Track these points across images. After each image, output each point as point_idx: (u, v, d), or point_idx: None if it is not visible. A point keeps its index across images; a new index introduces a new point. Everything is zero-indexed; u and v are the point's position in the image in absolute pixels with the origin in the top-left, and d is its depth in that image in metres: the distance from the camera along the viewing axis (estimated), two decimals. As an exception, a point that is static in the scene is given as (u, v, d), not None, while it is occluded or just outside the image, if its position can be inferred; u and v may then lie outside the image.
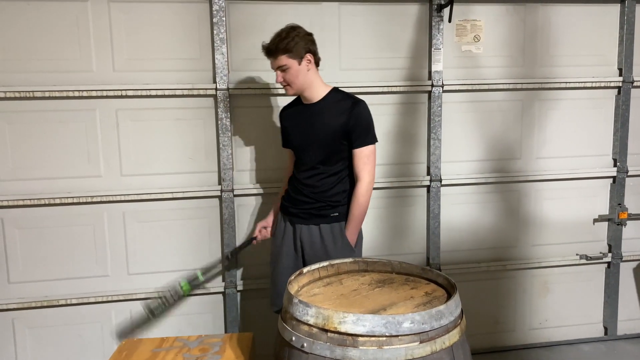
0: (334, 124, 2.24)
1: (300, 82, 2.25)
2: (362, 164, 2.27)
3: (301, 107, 2.36)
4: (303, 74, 2.24)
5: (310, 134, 2.30)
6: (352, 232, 2.32)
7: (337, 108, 2.26)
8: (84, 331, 2.76)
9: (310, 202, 2.33)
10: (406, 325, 1.53)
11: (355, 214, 2.29)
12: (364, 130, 2.26)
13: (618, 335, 3.25)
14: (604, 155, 3.12)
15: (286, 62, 2.20)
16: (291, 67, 2.21)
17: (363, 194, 2.27)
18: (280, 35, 2.20)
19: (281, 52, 2.19)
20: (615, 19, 3.03)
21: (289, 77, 2.23)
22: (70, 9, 2.56)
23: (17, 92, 2.53)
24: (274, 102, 2.78)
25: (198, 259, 2.80)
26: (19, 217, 2.63)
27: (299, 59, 2.21)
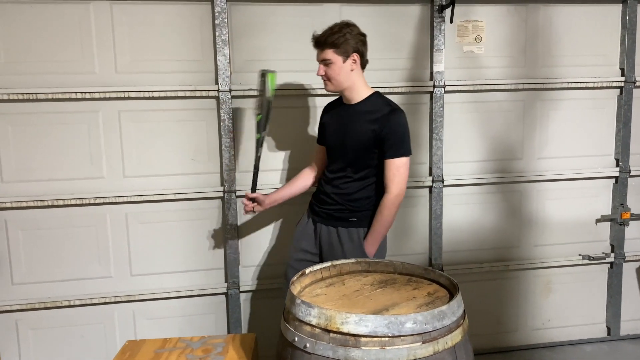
0: (367, 129, 2.21)
1: (341, 79, 2.22)
2: (391, 175, 2.21)
3: (341, 106, 2.35)
4: (345, 72, 2.21)
5: (343, 135, 2.28)
6: (371, 243, 2.26)
7: (374, 113, 2.22)
8: (86, 332, 2.77)
9: (331, 204, 2.32)
10: (408, 326, 1.53)
11: (377, 226, 2.24)
12: (398, 141, 2.20)
13: (621, 336, 3.25)
14: (606, 156, 3.12)
15: (331, 57, 2.18)
16: (335, 63, 2.19)
17: (388, 206, 2.21)
18: (332, 29, 2.19)
19: (328, 46, 2.17)
20: (617, 19, 3.03)
21: (331, 73, 2.21)
22: (73, 11, 2.57)
23: (20, 94, 2.54)
24: (276, 104, 2.77)
25: (200, 260, 2.81)
26: (22, 219, 2.64)
27: (344, 57, 2.19)
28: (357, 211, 2.29)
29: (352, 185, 2.29)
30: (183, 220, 2.77)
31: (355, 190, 2.29)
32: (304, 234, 2.42)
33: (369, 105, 2.26)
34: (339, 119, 2.32)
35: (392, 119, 2.20)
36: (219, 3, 2.62)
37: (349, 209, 2.30)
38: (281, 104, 2.76)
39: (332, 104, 2.45)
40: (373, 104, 2.25)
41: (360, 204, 2.29)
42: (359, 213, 2.30)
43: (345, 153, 2.28)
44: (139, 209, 2.73)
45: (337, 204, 2.31)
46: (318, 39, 2.20)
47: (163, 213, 2.75)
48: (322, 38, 2.19)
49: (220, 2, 2.62)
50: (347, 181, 2.29)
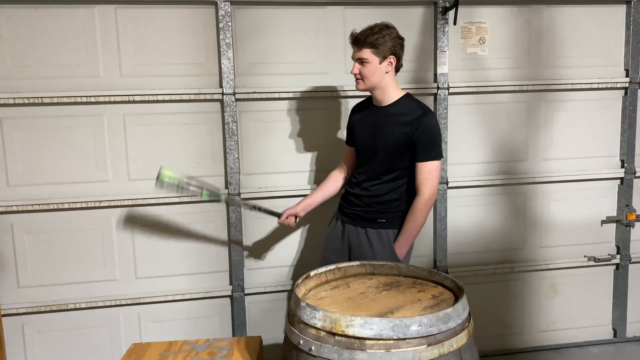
0: (399, 132, 2.21)
1: (374, 80, 2.22)
2: (423, 178, 2.21)
3: (371, 108, 2.34)
4: (380, 73, 2.21)
5: (374, 137, 2.28)
6: (401, 245, 2.27)
7: (405, 116, 2.22)
8: (92, 335, 2.77)
9: (360, 205, 2.33)
10: (414, 329, 1.53)
11: (408, 228, 2.24)
12: (429, 144, 2.19)
13: (627, 338, 3.23)
14: (611, 157, 3.11)
15: (368, 56, 2.18)
16: (371, 63, 2.19)
17: (420, 209, 2.21)
18: (372, 29, 2.19)
19: (367, 46, 2.18)
20: (621, 19, 3.02)
21: (365, 72, 2.21)
22: (78, 15, 2.58)
23: (26, 98, 2.56)
24: (280, 106, 2.78)
25: (205, 262, 2.82)
26: (28, 222, 2.65)
27: (381, 58, 2.19)
28: (386, 212, 2.30)
29: (381, 187, 2.29)
30: (188, 222, 2.78)
31: (385, 192, 2.29)
32: (333, 235, 2.45)
33: (400, 107, 2.25)
34: (370, 121, 2.32)
35: (424, 121, 2.20)
36: (222, 6, 2.62)
37: (378, 210, 2.30)
38: (285, 107, 2.77)
39: (361, 104, 2.45)
40: (404, 106, 2.25)
41: (389, 206, 2.30)
42: (387, 214, 2.30)
43: (375, 155, 2.28)
44: (144, 212, 2.73)
45: (365, 205, 2.32)
46: (357, 37, 2.20)
47: (168, 216, 2.75)
48: (361, 37, 2.18)
49: (224, 6, 2.62)
50: (376, 183, 2.30)
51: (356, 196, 2.35)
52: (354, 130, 2.42)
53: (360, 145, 2.37)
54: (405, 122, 2.21)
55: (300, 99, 2.78)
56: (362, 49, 2.19)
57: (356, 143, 2.40)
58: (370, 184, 2.31)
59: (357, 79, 2.25)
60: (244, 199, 2.75)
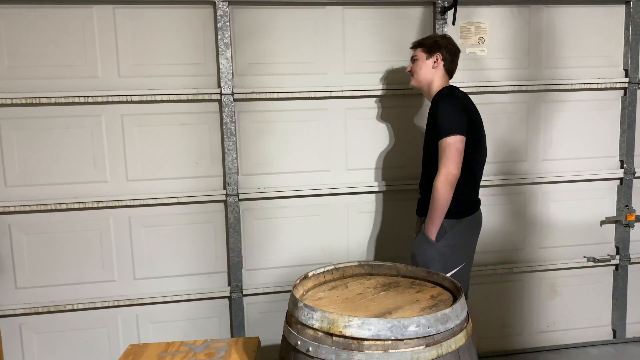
0: (429, 122, 2.35)
1: (422, 75, 2.40)
2: (439, 156, 2.23)
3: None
4: (427, 68, 2.39)
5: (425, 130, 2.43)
6: (429, 225, 2.27)
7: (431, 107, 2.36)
8: (90, 336, 2.76)
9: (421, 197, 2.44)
10: (412, 329, 1.53)
11: (431, 208, 2.24)
12: (442, 122, 2.22)
13: (627, 338, 3.22)
14: (610, 157, 3.10)
15: (417, 54, 2.43)
16: (419, 59, 2.41)
17: (437, 188, 2.20)
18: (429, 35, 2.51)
19: (417, 45, 2.44)
20: (621, 19, 3.01)
21: (415, 68, 2.43)
22: (76, 16, 2.57)
23: (24, 98, 2.55)
24: (279, 106, 2.78)
25: (204, 263, 2.81)
26: (26, 223, 2.65)
27: (428, 54, 2.39)
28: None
29: (428, 176, 2.36)
30: (186, 223, 2.77)
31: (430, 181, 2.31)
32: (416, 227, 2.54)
33: (434, 99, 2.37)
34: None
35: (438, 103, 2.31)
36: (221, 6, 2.62)
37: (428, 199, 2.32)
38: (284, 108, 2.77)
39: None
40: (434, 99, 2.37)
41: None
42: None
43: (425, 147, 2.43)
44: (142, 212, 2.73)
45: (422, 196, 2.43)
46: (415, 41, 2.47)
47: (166, 216, 2.75)
48: (417, 41, 2.46)
49: (222, 6, 2.62)
50: (427, 173, 2.38)
51: (420, 188, 2.48)
52: None
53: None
54: (430, 112, 2.35)
55: (299, 99, 2.78)
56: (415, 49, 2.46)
57: None
58: (424, 174, 2.43)
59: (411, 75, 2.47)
60: (241, 200, 2.74)
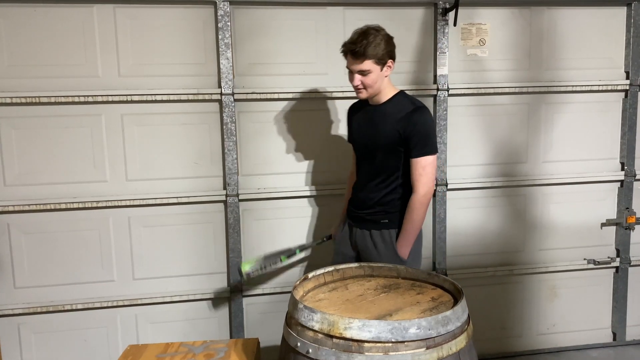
0: (392, 129, 2.20)
1: (376, 87, 2.20)
2: (417, 174, 2.20)
3: (367, 107, 2.33)
4: (381, 79, 2.19)
5: (371, 136, 2.27)
6: (403, 244, 2.25)
7: (398, 113, 2.21)
8: (89, 336, 2.76)
9: (364, 207, 2.33)
10: (412, 331, 1.52)
11: (407, 227, 2.23)
12: (422, 139, 2.18)
13: (627, 341, 3.22)
14: (611, 159, 3.10)
15: (370, 67, 2.14)
16: (373, 72, 2.15)
17: (417, 206, 2.20)
18: (366, 37, 2.11)
19: (369, 57, 2.12)
20: (622, 21, 3.01)
21: (368, 81, 2.17)
22: (76, 15, 2.57)
23: (23, 97, 2.54)
24: (279, 107, 2.77)
25: (203, 263, 2.80)
26: (25, 222, 2.64)
27: (382, 65, 2.16)
28: (389, 212, 2.30)
29: (382, 187, 2.29)
30: (186, 223, 2.76)
31: (386, 192, 2.29)
32: (343, 239, 2.45)
33: (393, 105, 2.25)
34: (366, 121, 2.32)
35: (415, 117, 2.18)
36: (222, 6, 2.61)
37: (381, 211, 2.30)
38: (284, 108, 2.76)
39: (357, 104, 2.43)
40: (397, 104, 2.24)
41: (391, 206, 2.30)
42: (390, 214, 2.30)
43: (374, 155, 2.28)
44: (141, 212, 2.72)
45: (369, 207, 2.32)
46: (356, 50, 2.11)
47: (166, 217, 2.74)
48: (360, 49, 2.10)
49: (223, 6, 2.61)
50: (377, 183, 2.30)
51: (360, 199, 2.36)
52: (352, 130, 2.42)
53: (357, 146, 2.39)
54: (397, 119, 2.20)
55: (300, 100, 2.77)
56: (363, 61, 2.13)
57: (353, 143, 2.41)
58: (371, 184, 2.31)
59: (359, 90, 2.20)
60: (241, 200, 2.74)
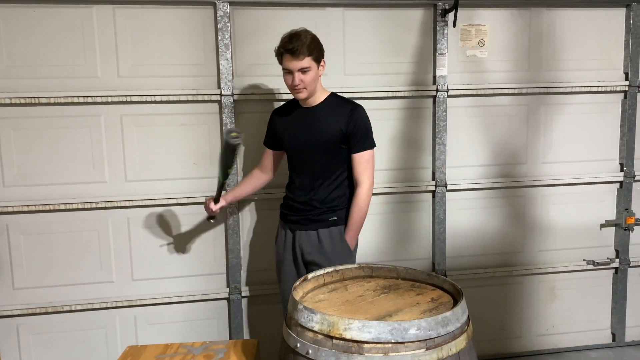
0: (333, 128, 2.25)
1: (314, 86, 2.24)
2: (362, 168, 2.29)
3: (299, 110, 2.34)
4: (317, 78, 2.24)
5: (310, 138, 2.29)
6: (352, 236, 2.34)
7: (336, 112, 2.27)
8: (88, 337, 2.75)
9: (309, 209, 2.33)
10: (412, 332, 1.52)
11: (356, 219, 2.31)
12: (363, 135, 2.28)
13: (626, 342, 3.22)
14: (610, 160, 3.10)
15: (309, 64, 2.18)
16: (312, 70, 2.19)
17: (364, 198, 2.29)
18: (300, 37, 2.15)
19: (307, 54, 2.16)
20: (621, 23, 3.01)
21: (307, 80, 2.19)
22: (76, 16, 2.56)
23: (23, 98, 2.54)
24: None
25: (203, 264, 2.80)
26: (24, 223, 2.63)
27: (317, 63, 2.22)
28: (336, 210, 2.33)
29: (328, 186, 2.32)
30: (185, 224, 2.76)
31: (331, 190, 2.32)
32: (286, 248, 2.41)
33: (330, 105, 2.30)
34: (301, 123, 2.32)
35: (355, 115, 2.26)
36: (221, 7, 2.61)
37: (329, 209, 2.32)
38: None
39: (283, 108, 2.43)
40: (334, 104, 2.30)
41: (337, 202, 2.33)
42: (338, 211, 2.33)
43: (314, 156, 2.30)
44: (140, 213, 2.72)
45: (315, 208, 2.32)
46: (295, 48, 2.14)
47: (165, 217, 2.74)
48: (299, 46, 2.13)
49: (222, 6, 2.61)
50: (321, 183, 2.32)
51: (302, 202, 2.34)
52: (279, 134, 2.39)
53: (294, 149, 2.36)
54: (337, 118, 2.26)
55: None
56: (303, 58, 2.15)
57: (287, 147, 2.38)
58: (316, 185, 2.32)
59: (299, 89, 2.21)
60: (240, 201, 2.73)
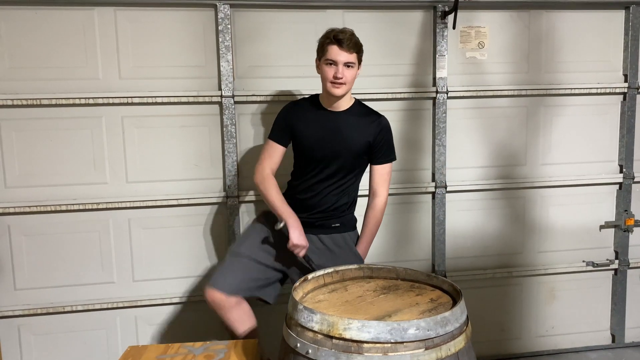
0: (362, 138, 2.23)
1: (351, 85, 2.19)
2: (382, 180, 2.29)
3: (323, 112, 2.25)
4: (355, 78, 2.20)
5: (337, 146, 2.22)
6: (366, 247, 2.33)
7: (363, 122, 2.24)
8: (89, 338, 2.76)
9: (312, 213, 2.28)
10: (411, 332, 1.53)
11: (374, 231, 2.33)
12: (390, 147, 2.30)
13: (626, 343, 3.22)
14: (609, 162, 3.11)
15: (355, 60, 2.14)
16: (354, 68, 2.16)
17: (382, 210, 2.32)
18: (350, 32, 2.13)
19: (356, 50, 2.13)
20: (620, 25, 3.02)
21: (349, 76, 2.14)
22: (77, 17, 2.58)
23: (24, 99, 2.55)
24: (279, 109, 2.77)
25: (203, 265, 2.81)
26: (25, 224, 2.64)
27: (359, 64, 2.20)
28: (340, 216, 2.32)
29: (338, 192, 2.29)
30: (186, 225, 2.77)
31: (341, 197, 2.30)
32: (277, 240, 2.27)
33: (357, 112, 2.26)
34: (324, 126, 2.23)
35: (384, 126, 2.28)
36: (222, 9, 2.62)
37: (333, 216, 2.30)
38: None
39: (301, 106, 2.32)
40: (361, 113, 2.28)
41: (342, 210, 2.32)
42: (341, 218, 2.32)
43: (335, 161, 2.24)
44: (141, 214, 2.73)
45: (320, 212, 2.28)
46: (347, 40, 2.09)
47: (166, 218, 2.75)
48: (351, 39, 2.10)
49: (223, 8, 2.63)
50: (334, 189, 2.28)
51: (310, 205, 2.27)
52: (296, 133, 2.27)
53: (312, 151, 2.25)
54: (365, 128, 2.24)
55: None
56: (352, 52, 2.12)
57: (309, 151, 2.26)
58: (326, 190, 2.27)
59: (339, 84, 2.13)
60: (241, 202, 2.74)
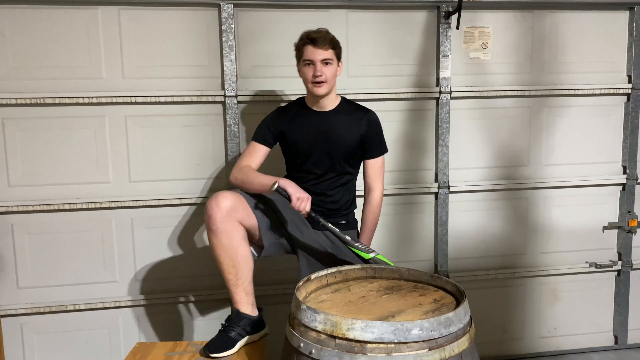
0: (353, 135, 2.25)
1: (333, 82, 2.22)
2: (376, 174, 2.31)
3: (311, 114, 2.29)
4: (336, 75, 2.22)
5: (328, 145, 2.25)
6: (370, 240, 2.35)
7: (352, 118, 2.26)
8: (91, 337, 2.76)
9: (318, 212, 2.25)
10: (415, 332, 1.53)
11: (374, 225, 2.34)
12: (381, 140, 2.31)
13: (628, 345, 3.21)
14: (613, 163, 3.10)
15: (332, 57, 2.17)
16: (333, 64, 2.18)
17: (379, 204, 2.33)
18: (323, 30, 2.17)
19: (331, 46, 2.15)
20: (624, 25, 3.02)
21: (329, 73, 2.16)
22: (81, 17, 2.58)
23: (28, 98, 2.56)
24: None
25: (206, 265, 2.81)
26: (28, 223, 2.65)
27: (338, 60, 2.22)
28: (345, 214, 2.33)
29: (338, 190, 2.31)
30: (188, 225, 2.77)
31: (343, 195, 2.32)
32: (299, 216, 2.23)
33: (345, 110, 2.29)
34: (318, 129, 2.25)
35: (373, 120, 2.29)
36: (225, 9, 2.63)
37: (339, 215, 2.31)
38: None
39: (288, 109, 2.34)
40: (349, 109, 2.30)
41: (345, 207, 2.34)
42: (346, 216, 2.34)
43: (329, 161, 2.26)
44: (144, 213, 2.73)
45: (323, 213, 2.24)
46: (321, 37, 2.14)
47: (168, 218, 2.75)
48: (325, 36, 2.14)
49: (227, 8, 2.63)
50: (335, 188, 2.30)
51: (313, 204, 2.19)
52: (288, 137, 2.28)
53: (306, 152, 2.26)
54: (354, 124, 2.26)
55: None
56: (327, 49, 2.14)
57: (301, 153, 2.28)
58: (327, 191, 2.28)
59: (320, 83, 2.15)
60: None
